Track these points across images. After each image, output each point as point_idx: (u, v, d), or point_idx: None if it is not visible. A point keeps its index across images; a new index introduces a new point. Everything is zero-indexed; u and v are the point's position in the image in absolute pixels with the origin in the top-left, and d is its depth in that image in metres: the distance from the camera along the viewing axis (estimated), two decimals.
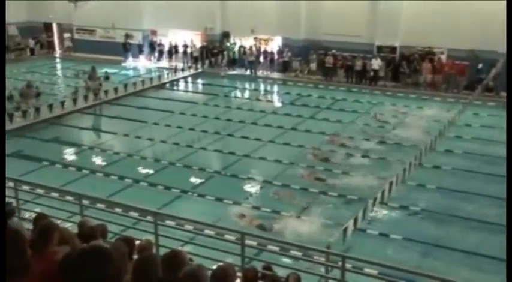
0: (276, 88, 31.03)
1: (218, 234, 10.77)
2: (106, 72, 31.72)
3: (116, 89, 27.46)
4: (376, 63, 29.09)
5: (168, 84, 31.24)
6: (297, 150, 19.55)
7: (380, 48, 29.88)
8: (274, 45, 33.18)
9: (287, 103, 26.82)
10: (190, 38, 34.91)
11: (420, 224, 14.20)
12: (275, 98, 29.47)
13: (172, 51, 35.29)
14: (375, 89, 28.75)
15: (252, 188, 16.46)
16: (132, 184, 16.70)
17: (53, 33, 40.43)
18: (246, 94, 29.78)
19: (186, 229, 10.72)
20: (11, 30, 39.52)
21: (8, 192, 11.12)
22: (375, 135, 20.95)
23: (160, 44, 35.79)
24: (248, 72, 32.94)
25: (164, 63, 35.56)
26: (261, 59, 32.95)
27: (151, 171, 17.92)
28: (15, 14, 39.28)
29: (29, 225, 8.20)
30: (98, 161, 19.20)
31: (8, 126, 21.93)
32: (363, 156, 18.80)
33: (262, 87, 31.43)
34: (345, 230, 12.17)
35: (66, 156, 19.66)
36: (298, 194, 15.85)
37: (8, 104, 24.62)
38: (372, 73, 29.30)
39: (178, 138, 21.24)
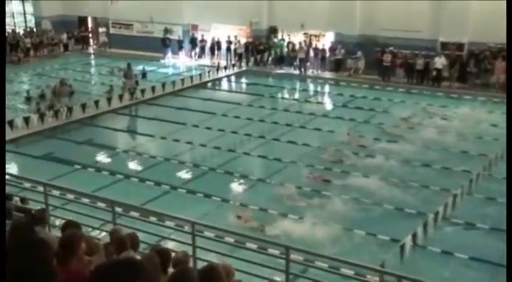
0: (327, 89, 30.81)
1: (261, 247, 10.71)
2: (143, 69, 32.22)
3: (153, 88, 27.84)
4: (439, 62, 28.53)
5: (209, 84, 31.46)
6: None
7: (444, 45, 29.26)
8: (325, 41, 33.01)
9: (339, 105, 26.59)
10: (234, 34, 35.09)
11: (488, 241, 13.77)
12: (326, 99, 29.27)
13: (215, 47, 35.55)
14: (437, 90, 28.19)
15: (299, 201, 16.32)
16: (169, 191, 16.84)
17: (87, 27, 41.41)
18: (294, 95, 29.69)
19: (226, 241, 10.70)
20: (44, 25, 40.69)
21: (37, 197, 11.40)
22: (437, 143, 20.50)
23: (201, 40, 36.11)
24: (297, 71, 32.86)
25: (206, 60, 35.85)
26: (311, 56, 32.81)
27: (189, 177, 18.03)
28: (49, 7, 40.51)
29: (59, 233, 8.32)
30: (132, 165, 19.45)
31: (39, 127, 22.53)
32: (425, 166, 18.43)
33: (312, 87, 31.26)
34: (403, 246, 11.93)
35: (99, 160, 20.00)
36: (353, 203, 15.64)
37: (41, 103, 25.25)
38: (434, 73, 28.75)
39: (220, 142, 21.32)
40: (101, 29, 40.56)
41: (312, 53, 32.79)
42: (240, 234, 10.31)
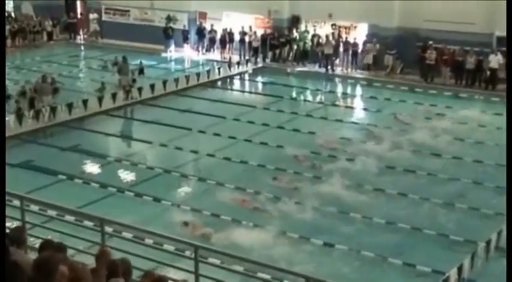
0: (358, 90, 30.77)
1: (275, 278, 10.68)
2: (141, 64, 32.34)
3: (152, 86, 27.95)
4: (495, 60, 28.38)
5: (219, 82, 31.54)
6: None
7: (502, 40, 29.09)
8: (357, 34, 33.01)
9: (373, 111, 26.51)
10: (249, 24, 35.20)
11: None
12: (357, 103, 29.22)
13: (226, 39, 35.64)
14: (492, 94, 28.00)
15: (322, 220, 16.28)
16: (169, 208, 16.85)
17: (76, 13, 41.71)
18: (319, 97, 29.62)
19: (234, 269, 10.68)
20: (25, 9, 41.06)
21: (13, 212, 11.43)
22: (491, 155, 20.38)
23: (211, 31, 36.24)
24: (323, 69, 32.85)
25: (215, 54, 35.96)
26: (340, 52, 32.82)
27: (194, 193, 18.01)
28: None
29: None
30: (127, 177, 19.50)
31: (17, 130, 22.66)
32: (477, 184, 18.37)
33: (340, 88, 31.24)
34: (447, 280, 11.86)
35: (87, 170, 20.08)
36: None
37: (21, 102, 25.36)
38: (488, 73, 28.59)
39: (230, 151, 21.32)
40: (92, 16, 40.79)
41: (341, 48, 32.80)
42: (251, 261, 10.26)
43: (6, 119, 22.67)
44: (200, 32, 36.63)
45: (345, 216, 16.45)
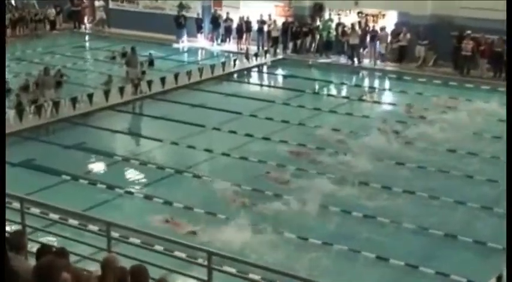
0: (387, 84, 30.67)
1: None
2: (150, 55, 32.43)
3: (162, 80, 28.02)
4: None
5: (235, 75, 31.58)
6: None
7: None
8: (386, 23, 32.88)
9: (401, 106, 26.33)
10: (268, 12, 35.17)
11: None
12: (385, 98, 29.06)
13: (243, 29, 35.66)
14: None
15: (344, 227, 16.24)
16: (183, 211, 16.84)
17: (81, 0, 41.80)
18: (345, 91, 29.57)
19: (251, 278, 10.65)
20: None
21: (12, 215, 11.47)
22: None
23: (226, 19, 36.25)
24: (348, 60, 32.77)
25: (231, 45, 35.97)
26: (367, 42, 32.71)
27: (208, 196, 18.00)
28: None
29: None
30: (135, 177, 19.56)
31: (17, 126, 22.78)
32: None
33: (367, 82, 31.16)
34: None
35: (92, 169, 20.19)
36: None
37: (22, 97, 25.48)
38: None
39: (247, 149, 21.33)
40: (98, 3, 41.01)
41: (368, 38, 32.69)
42: (269, 269, 10.22)
43: (6, 114, 22.87)
44: (215, 21, 36.67)
45: (371, 220, 16.39)
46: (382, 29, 32.28)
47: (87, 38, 40.01)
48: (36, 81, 26.38)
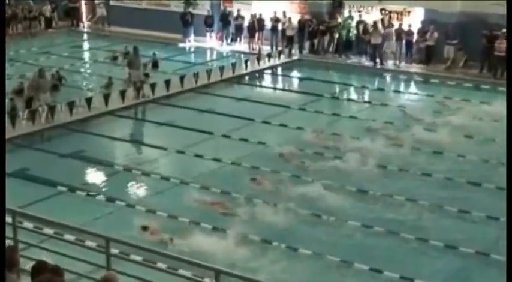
0: (413, 87, 30.61)
1: None
2: (154, 55, 32.48)
3: (167, 83, 28.10)
4: None
5: (246, 77, 31.66)
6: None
7: None
8: (412, 21, 32.84)
9: (429, 112, 26.23)
10: (282, 8, 35.22)
11: None
12: (411, 103, 28.83)
13: (255, 27, 35.70)
14: None
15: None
16: (188, 227, 16.80)
17: None
18: (367, 95, 29.42)
19: None
20: None
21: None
22: None
23: (237, 17, 36.32)
24: (370, 61, 32.74)
25: (242, 45, 36.02)
26: (391, 42, 32.67)
27: (216, 209, 17.94)
28: None
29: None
30: (137, 189, 19.55)
31: (9, 133, 22.71)
32: None
33: (391, 85, 31.10)
34: None
35: (91, 180, 20.19)
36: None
37: (17, 101, 25.55)
38: None
39: (259, 158, 21.27)
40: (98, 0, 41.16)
41: (392, 37, 32.65)
42: None
43: None
44: (225, 19, 36.75)
45: (396, 236, 16.35)
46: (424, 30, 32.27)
47: (85, 37, 40.20)
48: (30, 84, 26.35)
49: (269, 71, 32.89)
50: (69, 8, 41.45)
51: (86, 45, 39.10)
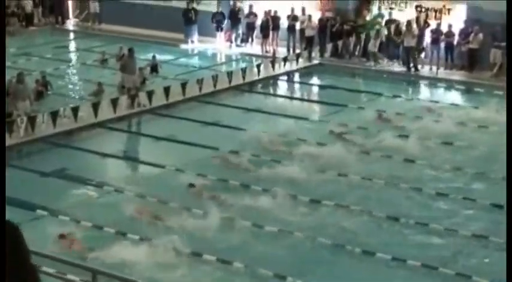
0: (453, 96, 30.53)
1: None
2: (154, 58, 32.55)
3: (167, 90, 28.17)
4: None
5: (259, 85, 31.80)
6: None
7: None
8: (453, 20, 32.87)
9: (473, 127, 26.14)
10: (301, 5, 35.32)
11: None
12: (450, 115, 28.61)
13: (269, 26, 35.78)
14: None
15: None
16: (195, 258, 16.82)
17: None
18: (398, 107, 29.25)
19: None
20: None
21: None
22: None
23: (249, 14, 36.43)
24: (403, 67, 32.78)
25: (254, 46, 36.11)
26: (428, 44, 32.69)
27: (222, 237, 17.95)
28: None
29: None
30: (131, 214, 19.47)
31: None
32: None
33: (426, 94, 31.16)
34: None
35: (76, 203, 20.11)
36: None
37: None
38: None
39: (271, 180, 21.24)
40: None
41: (428, 39, 32.68)
42: None
43: None
44: (234, 16, 36.82)
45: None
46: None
47: (72, 36, 40.47)
48: (7, 91, 26.34)
49: (285, 78, 33.00)
50: (54, 2, 41.62)
51: (72, 45, 39.33)
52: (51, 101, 27.66)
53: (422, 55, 33.13)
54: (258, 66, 32.08)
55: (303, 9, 35.13)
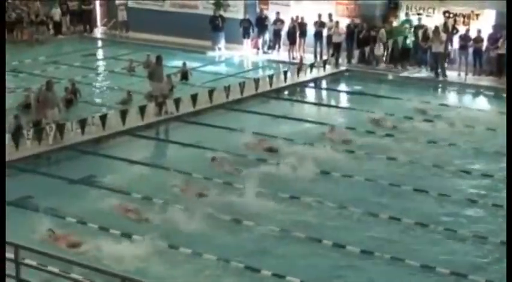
0: (482, 104, 30.31)
1: None
2: (184, 65, 32.55)
3: (194, 97, 28.23)
4: None
5: (285, 91, 31.81)
6: None
7: None
8: (481, 25, 32.70)
9: (502, 133, 25.96)
10: (328, 11, 35.30)
11: None
12: (480, 122, 28.32)
13: (296, 32, 35.78)
14: None
15: None
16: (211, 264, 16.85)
17: None
18: (426, 113, 29.00)
19: None
20: None
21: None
22: None
23: (275, 21, 36.44)
24: (431, 73, 32.64)
25: (281, 53, 36.11)
26: (456, 50, 32.56)
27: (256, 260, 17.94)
28: None
29: None
30: (157, 221, 19.46)
31: (12, 155, 22.91)
32: None
33: (454, 100, 30.94)
34: None
35: (105, 211, 20.04)
36: None
37: (22, 117, 25.85)
38: None
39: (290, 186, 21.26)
40: (119, 1, 41.43)
41: (456, 45, 32.55)
42: None
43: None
44: (261, 23, 36.86)
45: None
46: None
47: (100, 44, 40.55)
48: (37, 98, 26.40)
49: (312, 84, 32.96)
50: (82, 10, 41.80)
51: (100, 53, 39.46)
52: (79, 108, 27.77)
53: (448, 61, 32.93)
54: (285, 72, 32.11)
55: (330, 16, 35.12)
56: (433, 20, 33.77)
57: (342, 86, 33.17)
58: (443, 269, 16.50)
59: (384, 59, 34.42)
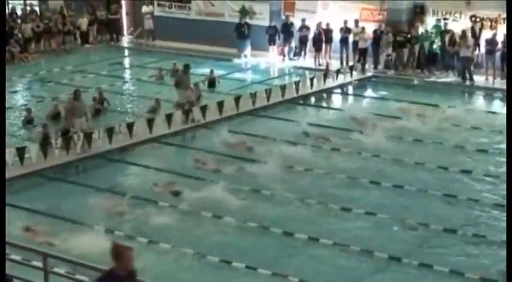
0: None
1: None
2: (212, 73, 32.64)
3: (220, 104, 28.30)
4: None
5: (312, 98, 31.84)
6: None
7: None
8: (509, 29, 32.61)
9: None
10: (354, 16, 35.31)
11: None
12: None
13: (322, 39, 35.82)
14: None
15: None
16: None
17: (120, 6, 42.85)
18: (454, 118, 28.82)
19: None
20: (53, 3, 42.11)
21: (33, 275, 11.68)
22: None
23: (301, 27, 36.49)
24: (458, 77, 32.54)
25: (307, 60, 36.16)
26: (483, 54, 32.45)
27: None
28: None
29: None
30: (187, 228, 19.58)
31: (40, 164, 23.11)
32: None
33: (483, 106, 30.87)
34: None
35: (131, 219, 20.14)
36: None
37: (50, 127, 26.04)
38: None
39: (325, 207, 21.13)
40: (146, 8, 41.46)
41: (483, 49, 32.44)
42: None
43: (27, 147, 23.25)
44: (287, 30, 36.92)
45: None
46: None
47: (126, 52, 40.73)
48: (66, 108, 26.54)
49: (338, 90, 32.95)
50: (109, 20, 42.06)
51: (127, 62, 39.63)
52: (106, 117, 27.92)
53: (475, 65, 32.82)
54: (311, 79, 32.09)
55: (356, 21, 35.13)
56: (460, 24, 33.69)
57: (369, 92, 33.10)
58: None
59: (411, 64, 34.35)
